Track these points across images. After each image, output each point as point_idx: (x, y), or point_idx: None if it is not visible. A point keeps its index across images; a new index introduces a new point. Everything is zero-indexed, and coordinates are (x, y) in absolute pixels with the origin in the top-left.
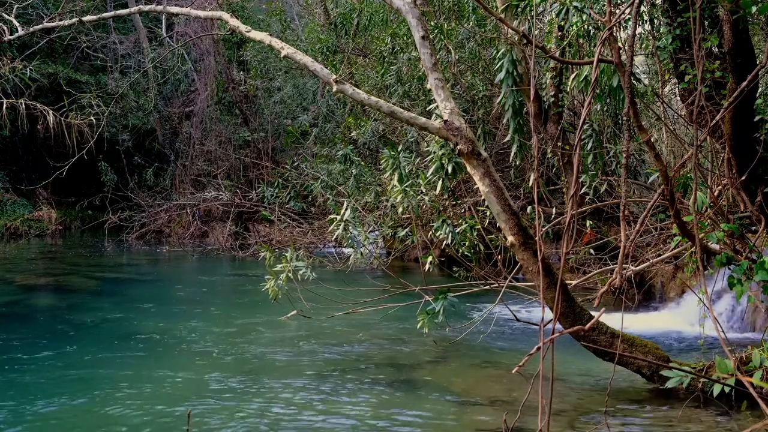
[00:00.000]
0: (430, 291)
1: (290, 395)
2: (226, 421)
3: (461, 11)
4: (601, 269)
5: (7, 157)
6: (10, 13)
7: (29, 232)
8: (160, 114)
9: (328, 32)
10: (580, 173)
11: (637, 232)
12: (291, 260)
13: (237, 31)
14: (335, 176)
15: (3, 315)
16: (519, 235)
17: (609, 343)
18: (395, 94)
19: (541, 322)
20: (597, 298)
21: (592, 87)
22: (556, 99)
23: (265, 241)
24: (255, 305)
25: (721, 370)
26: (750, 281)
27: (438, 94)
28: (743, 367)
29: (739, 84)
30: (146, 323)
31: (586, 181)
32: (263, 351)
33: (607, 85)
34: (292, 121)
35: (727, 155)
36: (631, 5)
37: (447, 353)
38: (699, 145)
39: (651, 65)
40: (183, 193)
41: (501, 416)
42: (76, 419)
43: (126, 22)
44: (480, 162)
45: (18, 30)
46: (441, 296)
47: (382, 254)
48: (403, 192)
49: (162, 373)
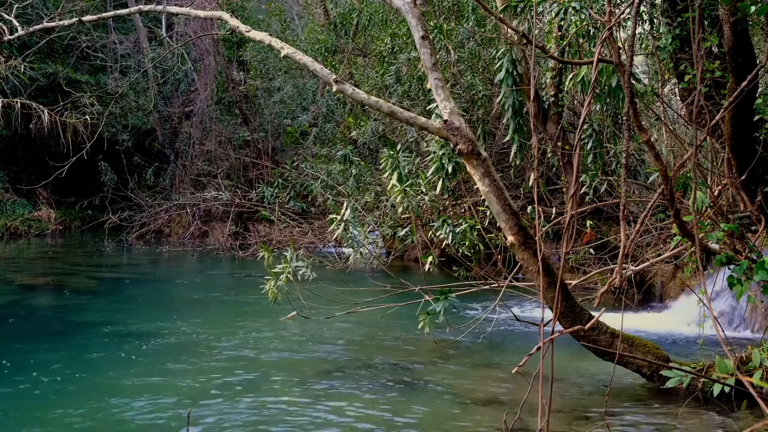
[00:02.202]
0: (430, 291)
1: (290, 395)
2: (226, 421)
3: (461, 11)
4: (601, 269)
5: (6, 157)
6: (10, 13)
7: (29, 232)
8: (160, 114)
9: (328, 32)
10: (580, 173)
11: (637, 232)
12: (291, 260)
13: (237, 31)
14: (335, 176)
15: (3, 315)
16: (519, 235)
17: (609, 343)
18: (395, 94)
19: (541, 322)
20: (597, 298)
21: (592, 87)
22: (555, 99)
23: (265, 241)
24: (255, 305)
25: (721, 370)
26: (750, 281)
27: (438, 94)
28: (743, 367)
29: (739, 84)
30: (146, 323)
31: (586, 181)
32: (263, 351)
33: (607, 85)
34: (292, 121)
35: (727, 155)
36: (630, 5)
37: (447, 353)
38: (699, 145)
39: (651, 65)
40: (183, 193)
41: (501, 416)
42: (76, 419)
43: (126, 22)
44: (480, 162)
45: (18, 30)
46: (441, 297)
47: (382, 254)
48: (403, 192)
49: (162, 373)
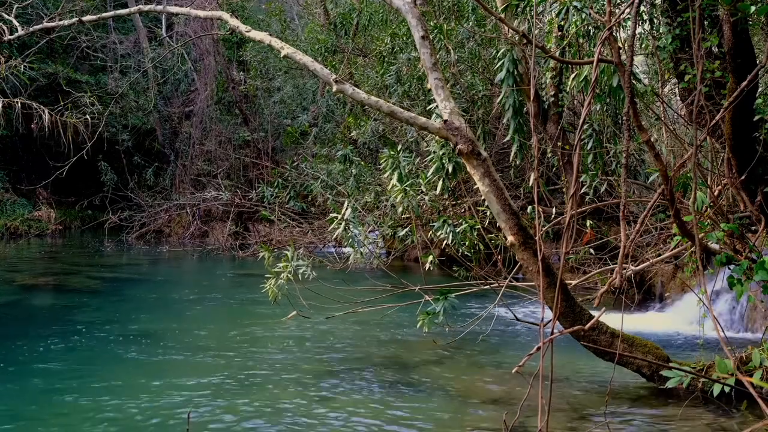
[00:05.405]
0: (430, 291)
1: (290, 395)
2: (226, 421)
3: (461, 11)
4: (601, 269)
5: (6, 156)
6: (10, 13)
7: (29, 232)
8: (160, 114)
9: (328, 32)
10: (580, 173)
11: (637, 232)
12: (291, 260)
13: (237, 31)
14: (335, 176)
15: (3, 315)
16: (519, 235)
17: (609, 342)
18: (395, 94)
19: (541, 322)
20: (597, 298)
21: (592, 87)
22: (555, 99)
23: (265, 241)
24: (255, 305)
25: (721, 370)
26: (750, 281)
27: (438, 94)
28: (743, 366)
29: (739, 84)
30: (146, 323)
31: (586, 180)
32: (263, 351)
33: (607, 85)
34: (292, 121)
35: (727, 155)
36: (631, 5)
37: (447, 353)
38: (699, 145)
39: (651, 65)
40: (183, 193)
41: (501, 416)
42: (76, 419)
43: (126, 22)
44: (480, 162)
45: (18, 30)
46: (441, 297)
47: (382, 254)
48: (403, 192)
49: (162, 373)
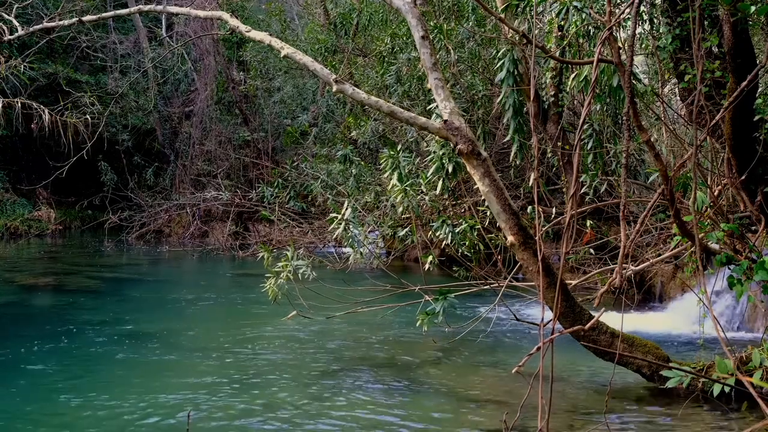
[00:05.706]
0: (429, 291)
1: (290, 395)
2: (226, 421)
3: (461, 11)
4: (601, 269)
5: (6, 156)
6: (10, 13)
7: (29, 232)
8: (160, 114)
9: (328, 32)
10: (580, 173)
11: (637, 232)
12: (291, 260)
13: (237, 31)
14: (335, 176)
15: (3, 315)
16: (519, 235)
17: (609, 342)
18: (395, 94)
19: (541, 322)
20: (597, 298)
21: (592, 87)
22: (555, 99)
23: (264, 241)
24: (255, 305)
25: (721, 370)
26: (750, 281)
27: (438, 94)
28: (743, 366)
29: (739, 84)
30: (146, 323)
31: (586, 180)
32: (263, 351)
33: (607, 85)
34: (292, 121)
35: (727, 155)
36: (631, 5)
37: (447, 353)
38: (699, 145)
39: (651, 65)
40: (183, 193)
41: (501, 416)
42: (76, 419)
43: (126, 22)
44: (480, 162)
45: (18, 30)
46: (441, 297)
47: (382, 254)
48: (403, 192)
49: (162, 372)
